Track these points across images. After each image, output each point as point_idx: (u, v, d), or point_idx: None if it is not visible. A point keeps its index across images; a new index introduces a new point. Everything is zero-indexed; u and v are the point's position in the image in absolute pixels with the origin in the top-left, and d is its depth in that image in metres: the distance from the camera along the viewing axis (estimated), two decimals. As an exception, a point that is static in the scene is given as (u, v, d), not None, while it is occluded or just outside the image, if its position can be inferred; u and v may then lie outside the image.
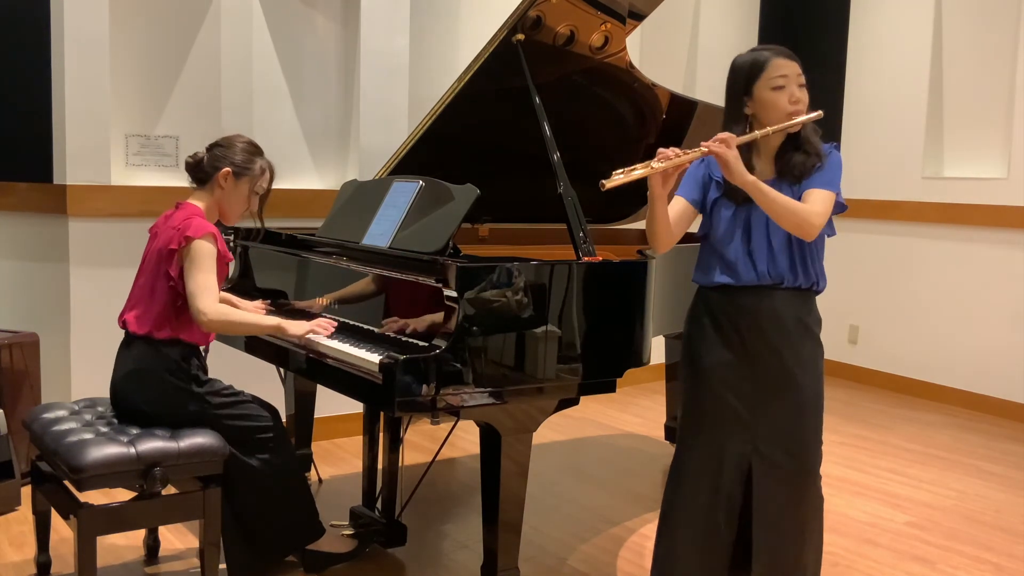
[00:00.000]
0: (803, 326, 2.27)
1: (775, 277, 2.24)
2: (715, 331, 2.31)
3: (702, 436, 2.33)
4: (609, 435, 4.61)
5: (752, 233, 2.25)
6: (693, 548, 2.34)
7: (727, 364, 2.29)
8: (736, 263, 2.26)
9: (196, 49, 3.85)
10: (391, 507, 3.02)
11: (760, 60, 2.22)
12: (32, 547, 2.79)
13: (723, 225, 2.28)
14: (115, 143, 3.70)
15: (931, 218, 5.51)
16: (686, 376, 2.40)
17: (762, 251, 2.24)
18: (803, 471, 2.27)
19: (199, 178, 2.67)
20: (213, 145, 2.68)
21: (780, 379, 2.26)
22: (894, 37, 5.73)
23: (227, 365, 3.14)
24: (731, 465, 2.30)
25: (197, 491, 2.50)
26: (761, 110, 2.22)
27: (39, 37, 3.61)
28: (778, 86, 2.19)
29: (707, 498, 2.32)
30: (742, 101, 2.24)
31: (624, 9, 3.15)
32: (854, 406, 5.33)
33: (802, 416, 2.26)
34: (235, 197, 2.66)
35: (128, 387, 2.57)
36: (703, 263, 2.35)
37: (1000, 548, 3.29)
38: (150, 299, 2.57)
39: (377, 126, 4.17)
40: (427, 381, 2.22)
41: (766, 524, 2.28)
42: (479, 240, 3.62)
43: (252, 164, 2.67)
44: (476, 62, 2.95)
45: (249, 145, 2.69)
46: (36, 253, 3.73)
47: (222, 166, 2.63)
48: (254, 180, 2.68)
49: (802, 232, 2.15)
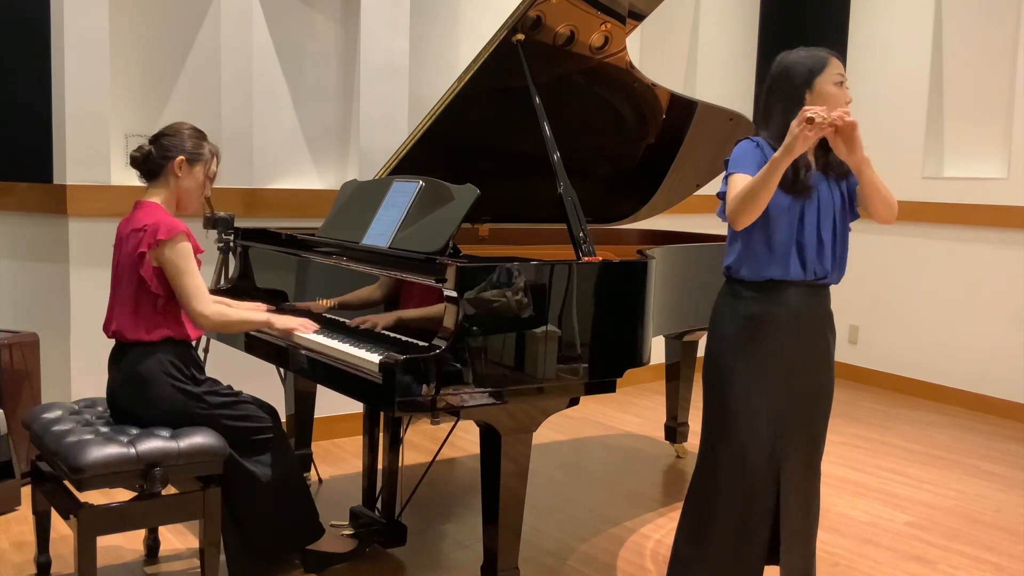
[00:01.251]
0: (830, 323, 2.38)
1: (820, 273, 2.28)
2: (751, 330, 2.31)
3: (734, 439, 2.32)
4: (609, 435, 4.61)
5: (805, 226, 2.27)
6: (730, 554, 2.35)
7: (760, 364, 2.30)
8: (787, 257, 2.27)
9: (196, 49, 3.85)
10: (391, 507, 3.02)
11: (823, 56, 2.30)
12: (32, 547, 2.78)
13: (777, 215, 2.25)
14: (115, 143, 3.70)
15: (931, 218, 5.51)
16: (714, 377, 2.37)
17: (812, 246, 2.27)
18: (817, 464, 2.39)
19: (150, 171, 2.65)
20: (158, 135, 2.67)
21: (809, 378, 2.33)
22: (894, 37, 5.73)
23: (227, 365, 3.14)
24: (764, 466, 2.31)
25: (197, 491, 2.50)
26: (820, 103, 2.24)
27: (39, 37, 3.61)
28: (839, 82, 2.28)
29: (743, 501, 2.32)
30: (803, 95, 2.27)
31: (624, 9, 3.15)
32: (854, 406, 5.33)
33: (825, 416, 2.39)
34: (191, 184, 2.66)
35: (128, 392, 2.57)
36: (748, 255, 2.30)
37: (1000, 548, 3.29)
38: (132, 305, 2.55)
39: (377, 126, 4.17)
40: (427, 381, 2.21)
41: (790, 520, 2.33)
42: (479, 240, 3.62)
43: (202, 149, 2.68)
44: (476, 62, 2.95)
45: (195, 131, 2.70)
46: (36, 253, 3.73)
47: (174, 155, 2.62)
48: (206, 164, 2.70)
49: (891, 211, 2.30)
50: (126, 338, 2.56)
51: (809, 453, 2.36)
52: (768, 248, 2.28)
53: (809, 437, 2.35)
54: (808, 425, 2.34)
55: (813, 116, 2.08)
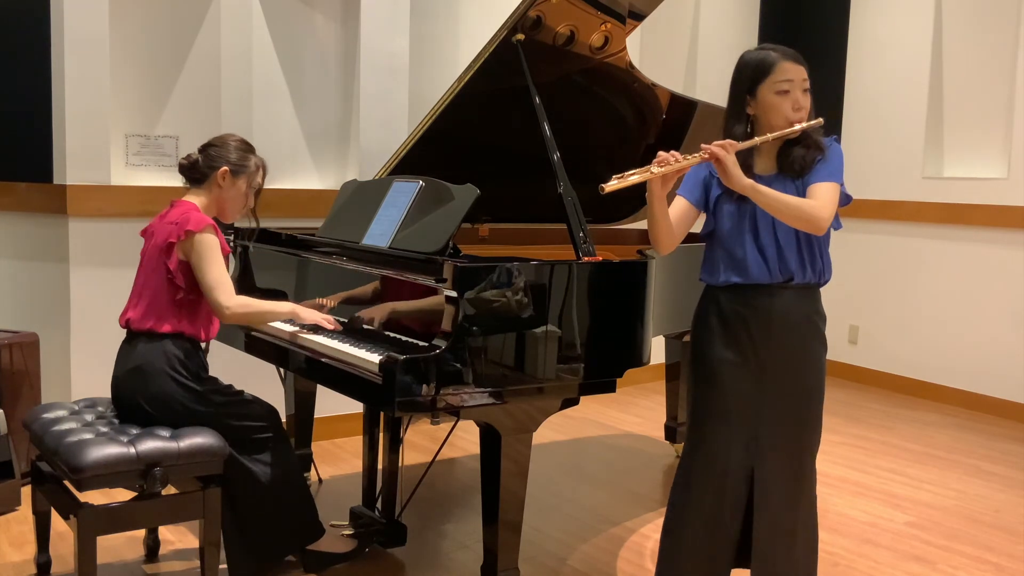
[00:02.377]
0: (811, 324, 2.29)
1: (785, 274, 2.24)
2: (723, 331, 2.30)
3: (708, 436, 2.33)
4: (609, 435, 4.61)
5: (760, 230, 2.23)
6: (699, 546, 2.34)
7: (735, 364, 2.29)
8: (745, 261, 2.25)
9: (196, 49, 3.85)
10: (391, 507, 3.02)
11: (767, 62, 2.19)
12: (32, 547, 2.79)
13: (729, 222, 2.26)
14: (115, 143, 3.70)
15: (931, 218, 5.51)
16: (693, 376, 2.40)
17: (771, 248, 2.23)
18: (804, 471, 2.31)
19: (195, 179, 2.71)
20: (207, 145, 2.72)
21: (788, 380, 2.28)
22: (894, 37, 5.73)
23: (227, 365, 3.14)
24: (737, 464, 2.30)
25: (197, 491, 2.50)
26: (763, 112, 2.21)
27: (39, 37, 3.61)
28: (782, 90, 2.18)
29: (713, 497, 2.32)
30: (745, 100, 2.23)
31: (624, 9, 3.15)
32: (854, 406, 5.33)
33: (806, 424, 2.30)
34: (234, 195, 2.71)
35: (130, 383, 2.57)
36: (710, 262, 2.34)
37: (1000, 548, 3.29)
38: (150, 295, 2.59)
39: (377, 126, 4.17)
40: (427, 381, 2.22)
41: (764, 522, 2.30)
42: (479, 240, 3.62)
43: (247, 162, 2.72)
44: (476, 62, 2.95)
45: (242, 143, 2.74)
46: (36, 253, 3.73)
47: (219, 165, 2.67)
48: (251, 177, 2.74)
49: (811, 228, 2.15)
50: (136, 327, 2.58)
51: (793, 457, 2.29)
52: (727, 254, 2.28)
53: (790, 439, 2.29)
54: (786, 427, 2.28)
55: (660, 164, 2.09)
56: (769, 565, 2.31)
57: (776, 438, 2.28)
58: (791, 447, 2.29)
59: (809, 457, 2.32)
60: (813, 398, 2.30)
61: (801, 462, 2.30)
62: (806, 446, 2.31)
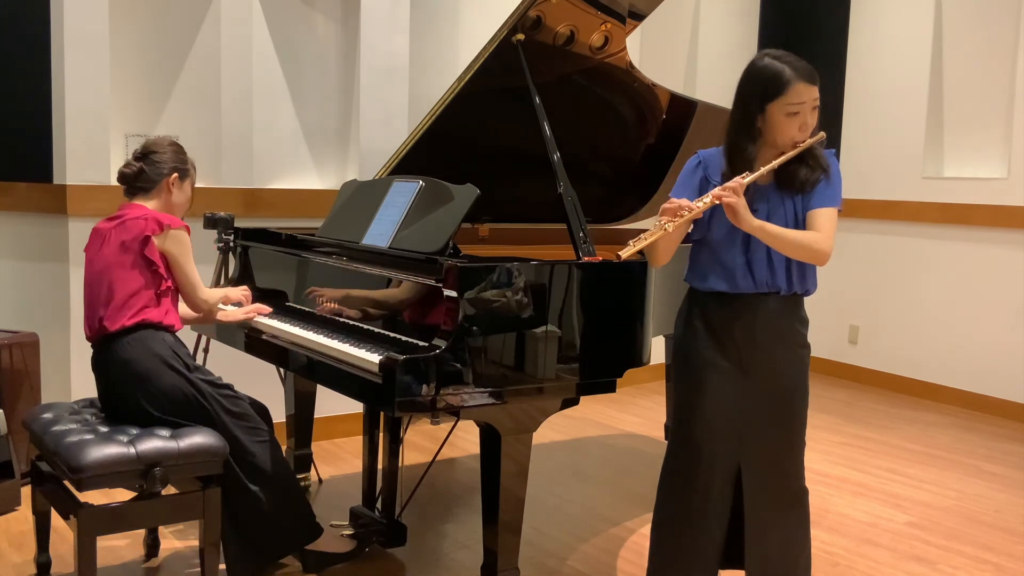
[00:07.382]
0: (794, 331, 2.31)
1: (772, 287, 2.25)
2: (708, 334, 2.31)
3: (694, 438, 2.34)
4: (609, 435, 4.61)
5: (751, 242, 2.23)
6: (686, 546, 2.35)
7: (719, 367, 2.30)
8: (734, 271, 2.25)
9: (196, 49, 3.85)
10: (391, 507, 3.02)
11: (782, 80, 2.14)
12: (32, 547, 2.78)
13: (722, 231, 2.26)
14: (115, 143, 3.70)
15: (931, 218, 5.51)
16: (677, 377, 2.41)
17: (761, 261, 2.23)
18: (793, 472, 2.33)
19: (142, 187, 2.68)
20: (147, 152, 2.70)
21: (771, 381, 2.29)
22: (894, 37, 5.73)
23: (227, 365, 3.14)
24: (722, 467, 2.31)
25: (197, 491, 2.50)
26: (769, 129, 2.19)
27: (39, 37, 3.61)
28: (793, 112, 2.15)
29: (699, 499, 2.33)
30: (755, 116, 2.19)
31: (624, 9, 3.15)
32: (854, 406, 5.33)
33: (791, 424, 2.32)
34: (182, 197, 2.76)
35: (126, 384, 2.55)
36: (698, 266, 2.34)
37: (1000, 548, 3.29)
38: (123, 292, 2.55)
39: (377, 126, 4.17)
40: (427, 381, 2.21)
41: (757, 531, 2.31)
42: (479, 240, 3.62)
43: (187, 163, 2.77)
44: (476, 62, 2.95)
45: (178, 146, 2.77)
46: (36, 253, 3.73)
47: (166, 171, 2.68)
48: (193, 177, 2.80)
49: (815, 260, 2.17)
50: (108, 330, 2.55)
51: (779, 456, 2.30)
52: (716, 262, 2.28)
53: (775, 439, 2.30)
54: (771, 426, 2.29)
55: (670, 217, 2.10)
56: (763, 565, 2.32)
57: (761, 438, 2.30)
58: (777, 446, 2.31)
59: (796, 455, 2.34)
60: (796, 398, 2.31)
61: (788, 461, 2.32)
62: (792, 445, 2.33)
